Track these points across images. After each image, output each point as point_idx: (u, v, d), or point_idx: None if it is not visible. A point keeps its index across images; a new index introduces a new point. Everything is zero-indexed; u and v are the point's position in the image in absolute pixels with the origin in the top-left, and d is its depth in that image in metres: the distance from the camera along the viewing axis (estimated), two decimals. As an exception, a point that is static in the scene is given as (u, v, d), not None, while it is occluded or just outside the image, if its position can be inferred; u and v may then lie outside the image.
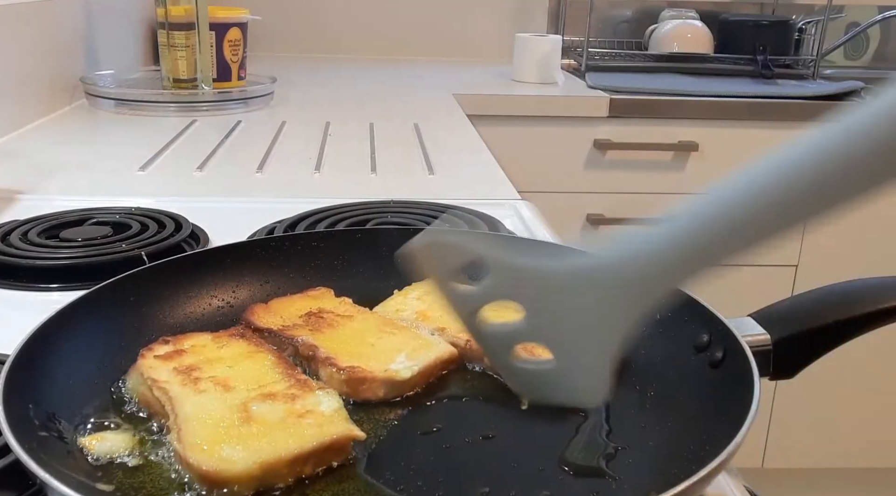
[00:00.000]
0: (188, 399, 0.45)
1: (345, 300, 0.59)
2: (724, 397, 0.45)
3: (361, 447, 0.44)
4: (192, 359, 0.50)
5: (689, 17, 2.15)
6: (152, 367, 0.48)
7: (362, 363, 0.50)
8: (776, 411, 1.91)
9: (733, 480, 0.48)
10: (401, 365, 0.50)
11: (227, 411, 0.44)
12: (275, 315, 0.57)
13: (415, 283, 0.61)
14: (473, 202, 0.89)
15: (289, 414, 0.44)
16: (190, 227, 0.79)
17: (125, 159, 1.12)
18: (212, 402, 0.45)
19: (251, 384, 0.47)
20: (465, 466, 0.44)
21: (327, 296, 0.60)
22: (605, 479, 0.42)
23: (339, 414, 0.44)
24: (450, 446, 0.45)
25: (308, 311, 0.57)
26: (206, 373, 0.48)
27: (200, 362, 0.49)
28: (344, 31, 2.25)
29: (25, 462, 0.36)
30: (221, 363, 0.49)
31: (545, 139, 1.73)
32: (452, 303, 0.44)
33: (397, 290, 0.61)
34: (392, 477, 0.42)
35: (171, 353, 0.50)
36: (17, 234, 0.76)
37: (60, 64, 1.45)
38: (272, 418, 0.43)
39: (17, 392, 0.42)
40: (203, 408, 0.44)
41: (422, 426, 0.47)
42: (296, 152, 1.19)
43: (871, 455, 1.99)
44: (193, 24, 1.46)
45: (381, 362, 0.51)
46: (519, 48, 1.91)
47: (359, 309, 0.58)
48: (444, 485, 0.42)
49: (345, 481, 0.42)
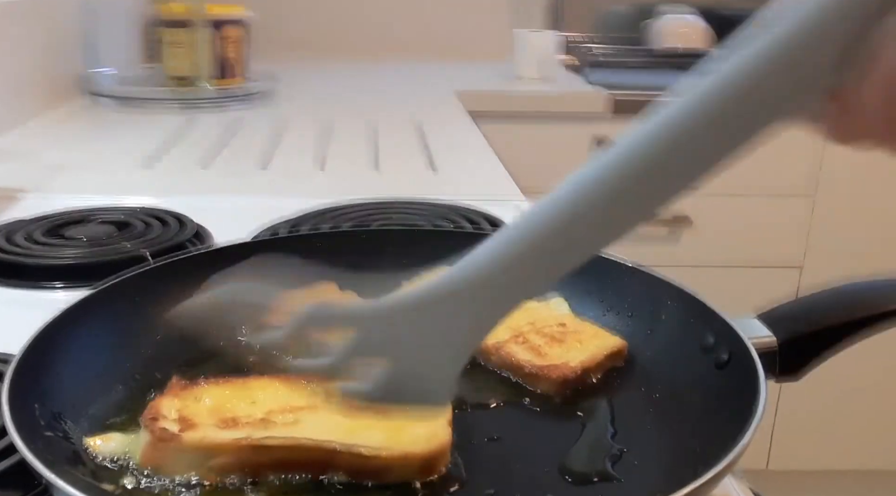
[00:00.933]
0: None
1: (351, 295, 0.59)
2: (729, 398, 0.44)
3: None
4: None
5: (688, 12, 2.14)
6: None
7: None
8: (780, 413, 1.91)
9: (738, 483, 0.48)
10: None
11: None
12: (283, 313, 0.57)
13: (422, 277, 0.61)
14: (476, 201, 0.89)
15: None
16: (194, 226, 0.79)
17: (128, 157, 1.12)
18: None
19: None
20: (470, 468, 0.44)
21: (332, 291, 0.60)
22: (611, 481, 0.42)
23: None
24: (455, 448, 0.45)
25: None
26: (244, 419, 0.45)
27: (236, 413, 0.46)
28: (345, 30, 2.25)
29: (31, 462, 0.36)
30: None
31: (546, 137, 1.72)
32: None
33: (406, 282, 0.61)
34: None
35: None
36: (21, 233, 0.75)
37: (61, 62, 1.44)
38: None
39: (22, 392, 0.42)
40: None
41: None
42: (299, 150, 1.19)
43: (876, 457, 1.98)
44: (192, 21, 1.46)
45: None
46: (518, 45, 1.91)
47: None
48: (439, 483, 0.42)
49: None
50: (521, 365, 0.52)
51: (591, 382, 0.52)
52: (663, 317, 0.55)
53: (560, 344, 0.54)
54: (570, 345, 0.54)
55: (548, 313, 0.58)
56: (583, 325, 0.57)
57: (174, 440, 0.41)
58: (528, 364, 0.52)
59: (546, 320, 0.57)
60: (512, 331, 0.55)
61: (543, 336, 0.55)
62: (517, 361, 0.52)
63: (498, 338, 0.55)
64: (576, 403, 0.50)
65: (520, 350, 0.53)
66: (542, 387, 0.51)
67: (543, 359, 0.52)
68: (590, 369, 0.52)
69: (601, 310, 0.58)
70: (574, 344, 0.54)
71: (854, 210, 1.82)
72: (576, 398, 0.50)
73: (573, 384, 0.51)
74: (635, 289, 0.58)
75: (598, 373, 0.52)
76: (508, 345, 0.54)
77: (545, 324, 0.56)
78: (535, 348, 0.53)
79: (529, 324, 0.56)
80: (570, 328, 0.56)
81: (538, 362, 0.52)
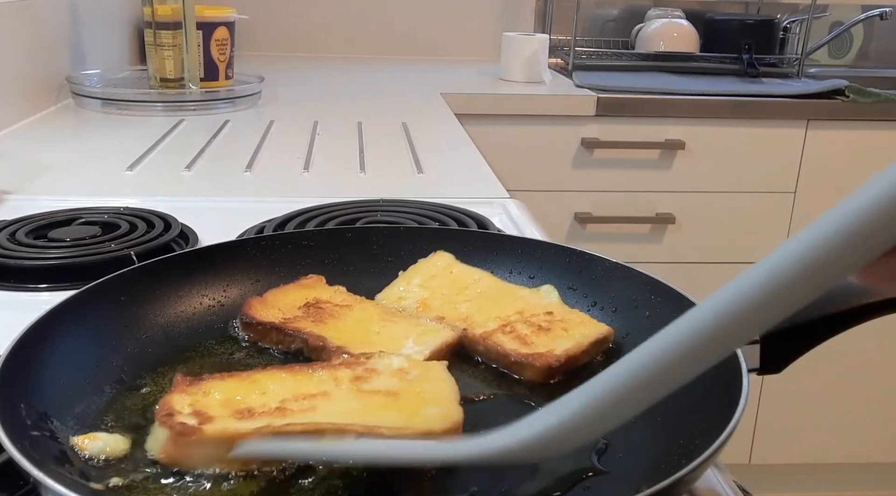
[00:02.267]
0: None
1: (339, 289, 0.60)
2: (712, 392, 0.45)
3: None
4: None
5: (675, 16, 2.16)
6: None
7: (374, 350, 0.51)
8: (763, 407, 1.92)
9: (723, 475, 0.48)
10: (411, 350, 0.51)
11: None
12: (273, 307, 0.57)
13: (419, 263, 0.62)
14: (462, 201, 0.89)
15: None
16: (179, 227, 0.79)
17: (113, 159, 1.12)
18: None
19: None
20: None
21: (320, 285, 0.60)
22: (597, 474, 0.43)
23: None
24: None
25: (306, 303, 0.57)
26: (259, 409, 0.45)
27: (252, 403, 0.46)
28: (331, 31, 2.25)
29: (19, 461, 0.36)
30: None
31: (533, 138, 1.73)
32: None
33: (402, 272, 0.62)
34: (380, 471, 0.42)
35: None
36: (4, 234, 0.75)
37: (46, 63, 1.44)
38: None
39: (8, 392, 0.42)
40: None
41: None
42: (284, 151, 1.19)
43: (858, 450, 2.01)
44: (180, 24, 1.46)
45: (392, 348, 0.52)
46: (506, 47, 1.92)
47: (356, 298, 0.60)
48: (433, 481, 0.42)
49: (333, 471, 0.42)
50: (507, 353, 0.53)
51: (578, 368, 0.52)
52: (647, 314, 0.55)
53: (546, 333, 0.54)
54: (555, 333, 0.54)
55: (536, 301, 0.58)
56: (570, 313, 0.57)
57: (196, 433, 0.41)
58: (514, 352, 0.52)
59: (534, 309, 0.57)
60: (500, 320, 0.56)
61: (530, 325, 0.55)
62: (503, 350, 0.53)
63: (486, 327, 0.56)
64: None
65: (506, 339, 0.54)
66: (527, 375, 0.52)
67: (529, 347, 0.53)
68: (575, 357, 0.52)
69: (586, 306, 0.59)
70: (560, 332, 0.54)
71: (834, 206, 1.83)
72: (561, 392, 0.50)
73: (558, 372, 0.51)
74: (620, 286, 0.58)
75: (584, 360, 0.53)
76: (496, 334, 0.54)
77: (532, 313, 0.57)
78: (521, 337, 0.54)
79: (517, 313, 0.57)
80: (557, 317, 0.56)
81: (523, 351, 0.52)
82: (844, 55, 2.34)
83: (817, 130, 1.77)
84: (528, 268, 0.63)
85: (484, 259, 0.64)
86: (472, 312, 0.58)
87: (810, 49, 2.10)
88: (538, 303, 0.58)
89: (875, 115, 1.77)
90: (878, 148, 1.81)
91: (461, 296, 0.60)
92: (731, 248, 1.84)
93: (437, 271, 0.62)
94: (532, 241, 0.66)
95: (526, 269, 0.63)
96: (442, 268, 0.62)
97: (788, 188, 1.81)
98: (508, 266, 0.64)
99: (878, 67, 2.30)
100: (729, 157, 1.78)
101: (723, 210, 1.81)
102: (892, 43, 2.34)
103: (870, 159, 1.81)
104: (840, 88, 1.78)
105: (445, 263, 0.63)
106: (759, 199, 1.81)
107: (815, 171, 1.80)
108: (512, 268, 0.64)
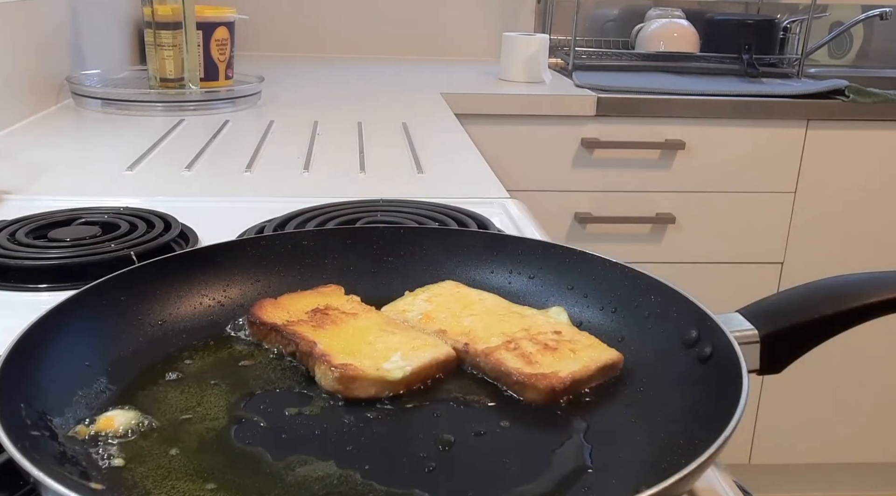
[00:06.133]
0: None
1: (353, 298, 0.60)
2: (712, 392, 0.45)
3: (341, 443, 0.45)
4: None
5: (675, 16, 2.16)
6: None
7: (355, 361, 0.50)
8: (763, 407, 1.92)
9: (723, 475, 0.48)
10: (394, 364, 0.50)
11: None
12: (282, 310, 0.57)
13: (426, 286, 0.62)
14: (462, 201, 0.89)
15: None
16: (179, 227, 0.79)
17: (113, 159, 1.12)
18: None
19: None
20: (457, 463, 0.44)
21: (337, 294, 0.60)
22: (596, 474, 0.43)
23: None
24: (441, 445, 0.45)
25: (315, 308, 0.57)
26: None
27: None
28: (332, 31, 2.25)
29: (19, 461, 0.36)
30: None
31: (533, 138, 1.73)
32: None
33: (409, 292, 0.61)
34: (370, 468, 0.42)
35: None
36: (4, 234, 0.75)
37: (46, 63, 1.44)
38: None
39: (8, 392, 0.42)
40: None
41: (409, 426, 0.47)
42: (284, 151, 1.19)
43: (858, 450, 2.01)
44: (180, 24, 1.46)
45: (374, 361, 0.51)
46: (506, 47, 1.92)
47: (365, 307, 0.59)
48: (427, 480, 0.42)
49: (320, 471, 0.42)
50: (509, 372, 0.50)
51: (582, 394, 0.49)
52: (647, 313, 0.55)
53: (553, 352, 0.52)
54: (562, 353, 0.51)
55: (544, 320, 0.56)
56: (579, 335, 0.54)
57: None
58: (517, 372, 0.49)
59: (541, 327, 0.55)
60: (505, 336, 0.54)
61: (536, 343, 0.53)
62: (506, 368, 0.50)
63: (489, 343, 0.53)
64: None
65: (510, 357, 0.51)
66: (528, 396, 0.49)
67: (533, 367, 0.50)
68: (581, 381, 0.49)
69: (585, 305, 0.59)
70: (567, 353, 0.52)
71: (833, 207, 1.84)
72: (562, 422, 0.48)
73: (562, 395, 0.49)
74: (619, 286, 0.58)
75: (589, 385, 0.50)
76: (499, 351, 0.52)
77: (540, 330, 0.54)
78: (525, 355, 0.51)
79: (524, 330, 0.54)
80: (566, 337, 0.54)
81: (526, 370, 0.49)
82: (844, 55, 2.34)
83: (817, 130, 1.77)
84: (528, 268, 0.63)
85: (484, 259, 0.64)
86: (475, 327, 0.55)
87: (810, 49, 2.10)
88: (546, 322, 0.56)
89: (875, 115, 1.77)
90: (878, 148, 1.81)
91: (466, 311, 0.58)
92: (731, 248, 1.84)
93: (444, 291, 0.61)
94: (532, 241, 0.66)
95: (526, 269, 0.63)
96: (449, 288, 0.61)
97: (788, 188, 1.81)
98: (508, 266, 0.64)
99: (878, 67, 2.30)
100: (729, 156, 1.78)
101: (723, 210, 1.81)
102: (892, 43, 2.34)
103: (870, 159, 1.81)
104: (840, 88, 1.78)
105: (453, 287, 0.62)
106: (759, 199, 1.81)
107: (815, 171, 1.80)
108: (512, 269, 0.64)
